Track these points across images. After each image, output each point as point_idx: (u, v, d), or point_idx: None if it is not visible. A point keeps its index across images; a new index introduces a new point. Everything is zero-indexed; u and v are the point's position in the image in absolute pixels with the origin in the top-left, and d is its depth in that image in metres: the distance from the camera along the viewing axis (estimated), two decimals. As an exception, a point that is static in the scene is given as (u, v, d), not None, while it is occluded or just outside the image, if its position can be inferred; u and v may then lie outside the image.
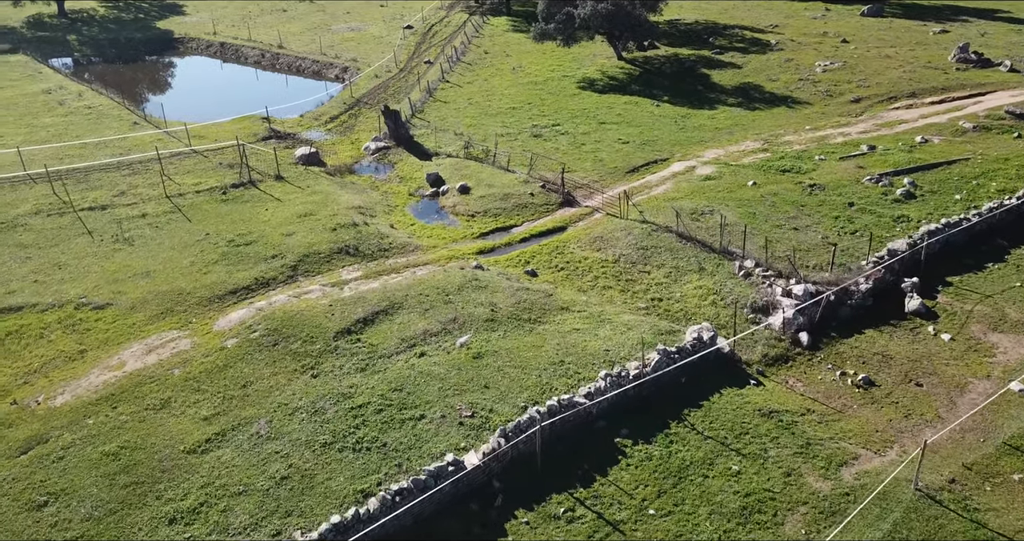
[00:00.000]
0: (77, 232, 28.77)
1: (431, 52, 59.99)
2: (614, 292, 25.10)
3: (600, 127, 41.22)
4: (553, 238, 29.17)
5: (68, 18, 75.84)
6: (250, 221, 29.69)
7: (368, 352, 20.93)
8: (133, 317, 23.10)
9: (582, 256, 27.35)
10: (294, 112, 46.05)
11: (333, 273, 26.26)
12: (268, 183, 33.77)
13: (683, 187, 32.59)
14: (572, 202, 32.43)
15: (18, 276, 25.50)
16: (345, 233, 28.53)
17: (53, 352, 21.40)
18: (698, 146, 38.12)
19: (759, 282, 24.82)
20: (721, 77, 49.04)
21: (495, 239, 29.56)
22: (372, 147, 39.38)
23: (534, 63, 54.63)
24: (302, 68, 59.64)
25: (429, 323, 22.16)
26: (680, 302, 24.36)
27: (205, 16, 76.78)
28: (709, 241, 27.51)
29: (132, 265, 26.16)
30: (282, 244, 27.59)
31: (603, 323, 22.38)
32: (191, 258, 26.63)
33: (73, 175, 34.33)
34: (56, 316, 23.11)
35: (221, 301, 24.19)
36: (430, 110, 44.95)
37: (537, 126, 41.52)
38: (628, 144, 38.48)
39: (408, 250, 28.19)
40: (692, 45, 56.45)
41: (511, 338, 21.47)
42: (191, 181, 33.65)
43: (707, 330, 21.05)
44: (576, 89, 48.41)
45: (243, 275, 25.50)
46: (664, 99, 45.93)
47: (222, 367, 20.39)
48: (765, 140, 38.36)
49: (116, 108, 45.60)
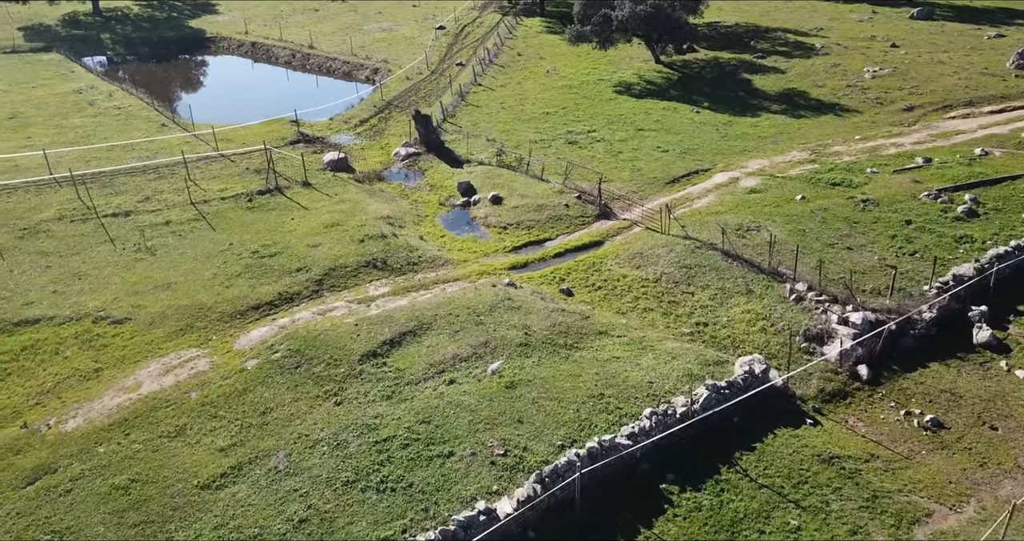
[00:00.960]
0: (99, 240, 27.99)
1: (463, 54, 58.80)
2: (656, 315, 23.60)
3: (638, 134, 39.65)
4: (589, 253, 27.74)
5: (103, 16, 76.00)
6: (275, 231, 28.69)
7: (394, 377, 19.71)
8: (152, 333, 22.15)
9: (621, 274, 25.88)
10: (323, 115, 45.13)
11: (360, 288, 25.13)
12: (295, 190, 32.79)
13: (727, 200, 30.94)
14: (609, 214, 30.95)
15: (37, 286, 24.74)
16: (373, 245, 27.39)
17: (68, 370, 20.51)
18: (741, 156, 36.39)
19: (812, 307, 23.15)
20: (764, 82, 47.14)
21: (528, 253, 28.21)
22: (402, 153, 38.26)
23: (569, 66, 53.16)
24: (333, 69, 58.83)
25: (459, 346, 20.88)
26: (727, 328, 22.79)
27: (237, 15, 76.48)
28: (757, 260, 25.88)
29: (153, 276, 25.27)
30: (308, 256, 26.52)
31: (645, 350, 20.91)
32: (213, 270, 25.68)
33: (99, 179, 33.67)
34: (73, 330, 22.25)
35: (243, 317, 23.16)
36: (462, 114, 43.74)
37: (572, 132, 40.08)
38: (667, 153, 36.89)
39: (438, 264, 26.96)
40: (733, 48, 54.54)
41: (546, 366, 20.11)
42: (217, 187, 32.78)
43: (759, 362, 19.48)
44: (612, 94, 46.87)
45: (266, 289, 24.46)
46: (704, 105, 44.19)
47: (241, 391, 19.32)
48: (812, 150, 36.50)
49: (145, 109, 45.07)
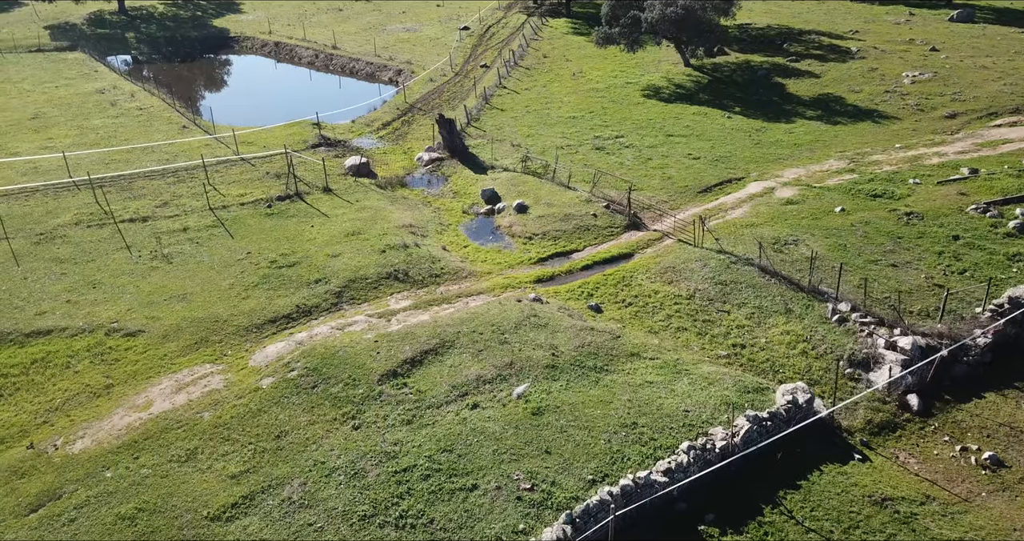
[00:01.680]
0: (115, 246, 27.36)
1: (488, 55, 57.83)
2: (690, 335, 22.43)
3: (667, 140, 38.42)
4: (619, 266, 26.61)
5: (128, 15, 76.05)
6: (295, 239, 27.88)
7: (415, 400, 18.76)
8: (165, 347, 21.39)
9: (652, 290, 24.74)
10: (346, 117, 44.37)
11: (380, 301, 24.22)
12: (315, 196, 31.99)
13: (762, 211, 29.65)
14: (639, 225, 29.79)
15: (51, 294, 24.11)
16: (394, 256, 26.48)
17: (78, 386, 19.80)
18: (776, 164, 35.04)
19: (856, 330, 21.85)
20: (798, 87, 45.64)
21: (554, 265, 27.14)
22: (425, 158, 37.35)
23: (595, 68, 51.98)
24: (356, 70, 58.14)
25: (483, 367, 19.88)
26: (766, 350, 21.57)
27: (261, 14, 76.18)
28: (796, 277, 24.61)
29: (168, 286, 24.55)
30: (327, 266, 25.66)
31: (680, 375, 19.77)
32: (230, 280, 24.91)
33: (117, 182, 33.13)
34: (85, 343, 21.56)
35: (259, 331, 22.34)
36: (486, 118, 42.76)
37: (599, 138, 38.95)
38: (699, 160, 35.63)
39: (461, 276, 25.99)
40: (764, 51, 53.00)
41: (575, 390, 19.04)
42: (236, 192, 32.08)
43: (803, 391, 18.27)
44: (640, 97, 45.64)
45: (284, 302, 23.63)
46: (736, 110, 42.83)
47: (255, 412, 18.47)
48: (850, 159, 35.05)
49: (166, 110, 44.60)
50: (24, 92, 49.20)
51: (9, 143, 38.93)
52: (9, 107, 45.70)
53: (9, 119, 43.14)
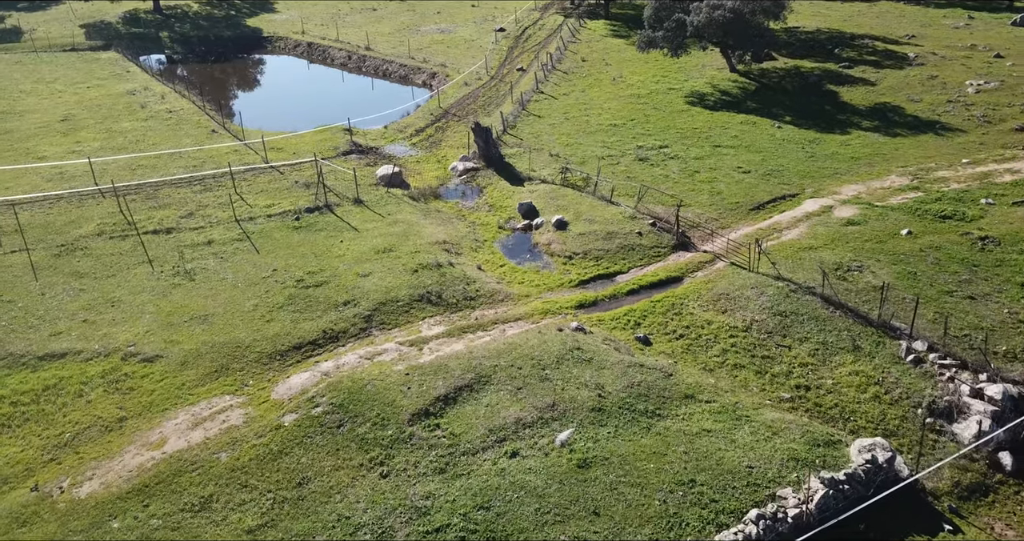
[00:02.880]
0: (137, 260, 26.19)
1: (524, 58, 56.13)
2: (748, 373, 20.52)
3: (715, 151, 36.37)
4: (667, 291, 24.75)
5: (163, 14, 75.73)
6: (323, 255, 26.47)
7: (449, 445, 17.15)
8: (183, 375, 20.05)
9: (705, 320, 22.85)
10: (378, 123, 42.98)
11: (412, 326, 22.67)
12: (346, 207, 30.58)
13: (820, 233, 27.57)
14: (688, 245, 27.89)
15: (68, 313, 22.96)
16: (427, 276, 24.92)
17: (89, 418, 18.53)
18: (832, 179, 32.85)
19: (935, 373, 19.78)
20: (852, 95, 43.21)
21: (597, 289, 25.36)
22: (459, 168, 35.78)
23: (636, 73, 49.98)
24: (389, 72, 56.84)
25: (522, 408, 18.20)
26: (834, 394, 19.59)
27: (295, 14, 75.36)
28: (863, 310, 22.57)
29: (190, 305, 23.26)
30: (356, 287, 24.19)
31: (740, 422, 17.90)
32: (255, 300, 23.55)
33: (143, 190, 32.07)
34: (100, 368, 20.31)
35: (283, 359, 20.91)
36: (523, 125, 41.05)
37: (642, 147, 37.02)
38: (749, 174, 33.56)
39: (497, 300, 24.34)
40: (815, 57, 50.54)
41: (624, 438, 17.28)
42: (263, 202, 30.79)
43: (882, 449, 16.31)
44: (684, 104, 43.58)
45: (310, 326, 22.18)
46: (786, 119, 40.58)
47: (276, 454, 17.01)
48: (913, 175, 32.74)
49: (196, 113, 43.63)
50: (56, 93, 48.67)
51: (37, 146, 38.20)
52: (40, 108, 45.13)
53: (39, 121, 42.50)
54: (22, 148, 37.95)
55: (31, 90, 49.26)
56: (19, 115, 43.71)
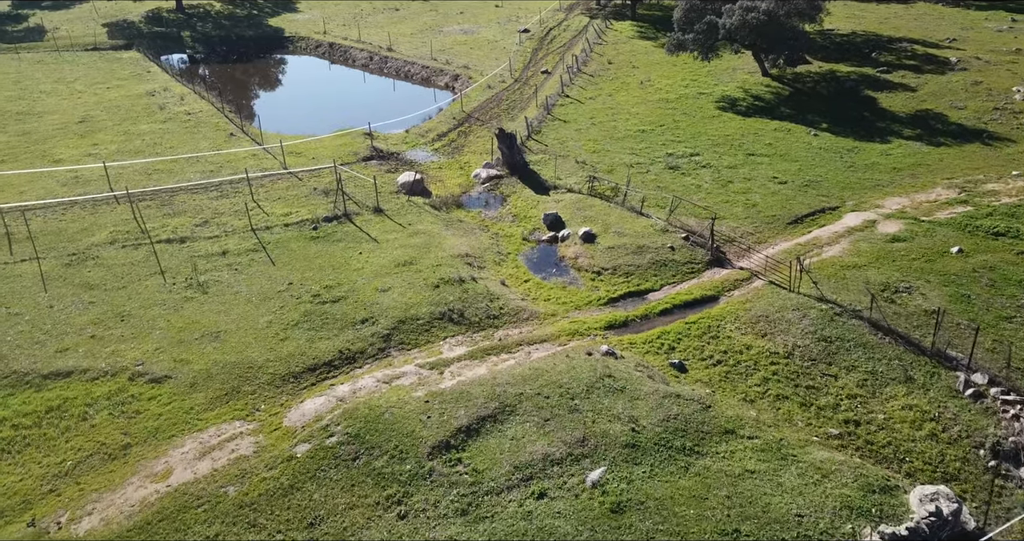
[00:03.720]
0: (149, 271, 25.28)
1: (548, 60, 54.84)
2: (792, 405, 19.13)
3: (748, 160, 34.88)
4: (702, 311, 23.39)
5: (185, 13, 75.32)
6: (341, 268, 25.41)
7: (471, 482, 15.97)
8: (192, 398, 19.05)
9: (743, 344, 21.47)
10: (399, 126, 41.91)
11: (433, 347, 21.51)
12: (365, 217, 29.51)
13: (863, 249, 26.07)
14: (723, 261, 26.49)
15: (76, 327, 22.07)
16: (449, 292, 23.76)
17: (92, 444, 17.57)
18: (874, 191, 31.26)
19: (997, 409, 18.28)
20: (891, 101, 41.47)
21: (627, 308, 24.04)
22: (483, 175, 34.59)
23: (664, 76, 48.51)
24: (411, 74, 55.79)
25: (550, 442, 16.98)
26: (886, 430, 18.15)
27: (317, 14, 74.60)
28: (915, 336, 21.08)
29: (201, 321, 22.28)
30: (375, 303, 23.08)
31: (786, 462, 16.55)
32: (269, 316, 22.52)
33: (158, 196, 31.22)
34: (106, 389, 19.37)
35: (297, 381, 19.85)
36: (548, 130, 39.78)
37: (672, 155, 35.61)
38: (786, 185, 32.04)
39: (522, 318, 23.12)
40: (850, 61, 48.74)
41: (661, 479, 16.00)
42: (280, 210, 29.81)
43: (947, 499, 14.89)
44: (715, 110, 42.08)
45: (326, 346, 21.10)
46: (822, 127, 38.97)
47: (287, 488, 15.93)
48: (961, 188, 31.08)
49: (215, 115, 42.83)
50: (75, 93, 48.16)
51: (54, 149, 37.57)
52: (59, 109, 44.60)
53: (57, 122, 41.94)
54: (39, 150, 37.34)
55: (51, 90, 48.79)
56: (38, 116, 43.19)
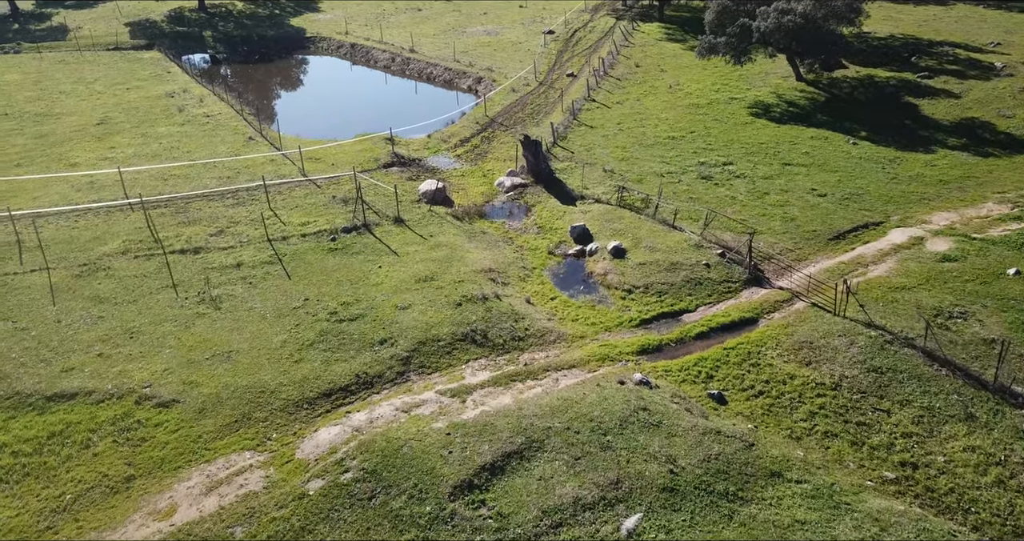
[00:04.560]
0: (161, 284, 24.34)
1: (574, 63, 53.51)
2: (842, 444, 17.70)
3: (784, 170, 33.34)
4: (741, 335, 21.99)
5: (207, 13, 74.86)
6: (359, 283, 24.31)
7: (496, 528, 14.76)
8: (200, 425, 18.01)
9: (786, 373, 20.05)
10: (421, 131, 40.80)
11: (454, 371, 20.33)
12: (385, 227, 28.40)
13: (912, 269, 24.52)
14: (761, 280, 25.04)
15: (83, 344, 21.14)
16: (472, 311, 22.55)
17: (94, 476, 16.57)
18: (920, 206, 29.63)
19: (1071, 454, 16.74)
20: (934, 109, 39.68)
21: (661, 330, 22.69)
22: (506, 184, 33.36)
23: (694, 80, 46.98)
24: (433, 76, 54.68)
25: (581, 484, 15.72)
26: (947, 474, 16.68)
27: (339, 14, 73.81)
28: (974, 368, 19.54)
29: (213, 340, 21.26)
30: (394, 322, 21.94)
31: (839, 511, 15.15)
32: (283, 335, 21.45)
33: (173, 203, 30.34)
34: (111, 413, 18.39)
35: (311, 408, 18.74)
36: (574, 136, 38.47)
37: (704, 164, 34.15)
38: (825, 197, 30.49)
39: (548, 340, 21.86)
40: (889, 65, 46.91)
41: (702, 528, 14.68)
42: (298, 220, 28.79)
43: (1024, 562, 13.43)
44: (747, 116, 40.53)
45: (342, 369, 19.99)
46: (861, 135, 37.30)
47: (298, 531, 14.82)
48: (1014, 202, 29.37)
49: (234, 118, 42.00)
50: (95, 94, 47.61)
51: (70, 152, 36.90)
52: (78, 110, 44.03)
53: (75, 124, 41.33)
54: (55, 153, 36.69)
55: (71, 91, 48.30)
56: (56, 117, 42.64)
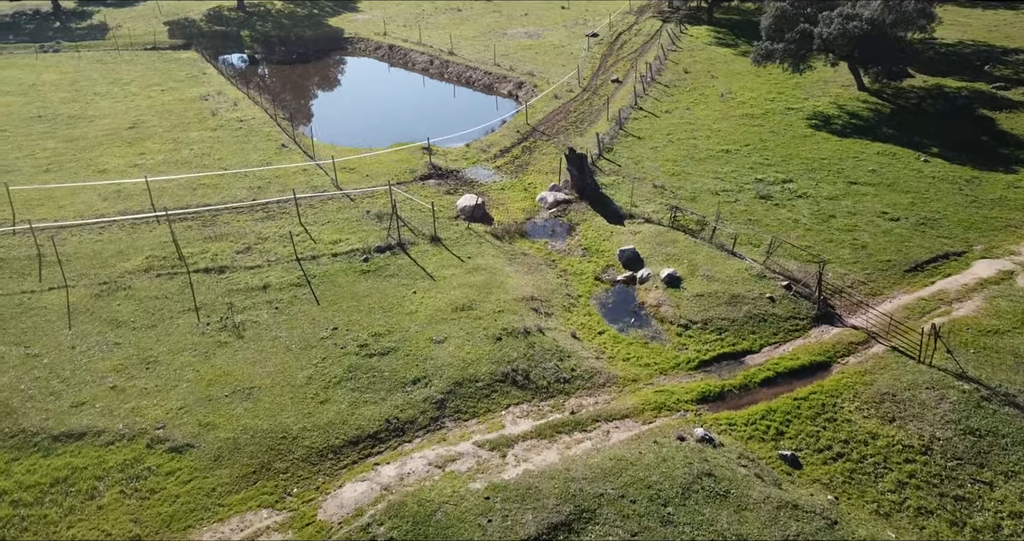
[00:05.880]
0: (183, 306, 22.87)
1: (619, 67, 51.25)
2: (939, 523, 15.40)
3: (850, 190, 30.81)
4: (812, 383, 19.73)
5: (246, 12, 74.19)
6: (392, 310, 22.55)
7: (542, 620, 12.83)
8: (215, 476, 16.39)
9: (867, 432, 17.77)
10: (460, 141, 38.99)
11: (494, 417, 18.43)
12: (421, 247, 26.63)
13: (1004, 309, 22.00)
14: (832, 317, 22.71)
15: (97, 375, 19.71)
16: (513, 346, 20.63)
17: (97, 534, 15.02)
18: (1006, 233, 26.97)
19: None
20: (1014, 123, 36.70)
21: (723, 374, 20.51)
22: (549, 199, 31.37)
23: (747, 88, 44.44)
24: (472, 80, 52.88)
25: (640, 566, 13.71)
26: (1067, 569, 14.32)
27: (378, 14, 72.53)
28: (1088, 435, 17.07)
29: (234, 373, 19.67)
30: (429, 358, 20.12)
31: (945, 616, 12.92)
32: (309, 370, 19.77)
33: (200, 216, 28.96)
34: (121, 458, 16.87)
35: (336, 457, 17.01)
36: (621, 148, 36.31)
37: (762, 181, 31.76)
38: (898, 222, 27.94)
39: (597, 383, 19.84)
40: (959, 74, 43.87)
41: (784, 632, 12.57)
42: (329, 237, 27.16)
43: None
44: (806, 128, 37.95)
45: (371, 412, 18.22)
46: (932, 151, 34.54)
47: (317, 613, 13.08)
48: (1113, 233, 26.55)
49: (267, 124, 40.66)
50: (129, 96, 46.77)
51: (100, 157, 35.86)
52: (112, 113, 43.15)
53: (107, 128, 40.38)
54: (85, 158, 35.67)
55: (105, 92, 47.54)
56: (89, 120, 41.77)
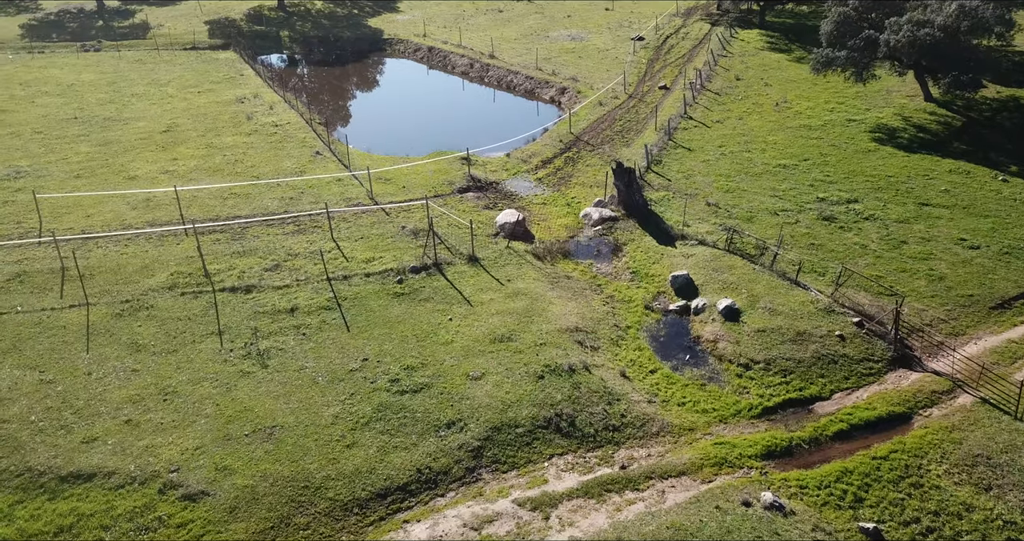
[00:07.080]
0: (207, 329, 21.56)
1: (667, 73, 49.08)
2: (1053, 624, 13.29)
3: (923, 212, 28.43)
4: (892, 439, 17.63)
5: (286, 12, 73.49)
6: (426, 339, 20.95)
7: None
8: (229, 530, 14.92)
9: (960, 502, 15.63)
10: (500, 150, 37.32)
11: (535, 470, 16.71)
12: (458, 267, 25.02)
13: (1107, 356, 19.58)
14: (910, 359, 20.51)
15: (111, 406, 18.45)
16: (556, 387, 18.88)
17: (98, 597, 13.72)
18: (1101, 266, 24.41)
19: None
20: (1100, 140, 33.84)
21: (790, 424, 18.48)
22: (594, 216, 29.51)
23: (804, 97, 42.01)
24: (513, 84, 51.16)
25: None
26: None
27: (418, 14, 71.23)
28: None
29: (255, 409, 18.24)
30: (464, 397, 18.48)
31: None
32: (336, 407, 18.26)
33: (229, 229, 27.74)
34: (130, 504, 15.53)
35: (362, 512, 15.44)
36: (670, 161, 34.29)
37: (824, 200, 29.51)
38: (979, 251, 25.55)
39: (650, 432, 17.99)
40: (1036, 85, 40.94)
41: None
42: (362, 255, 25.71)
43: None
44: (869, 141, 35.51)
45: (401, 459, 16.63)
46: (1011, 169, 31.94)
47: None
48: None
49: (302, 129, 39.46)
50: (166, 97, 46.04)
51: (132, 162, 34.97)
52: (147, 115, 42.40)
53: (142, 131, 39.58)
54: (116, 164, 34.81)
55: (142, 94, 46.89)
56: (123, 123, 41.05)
